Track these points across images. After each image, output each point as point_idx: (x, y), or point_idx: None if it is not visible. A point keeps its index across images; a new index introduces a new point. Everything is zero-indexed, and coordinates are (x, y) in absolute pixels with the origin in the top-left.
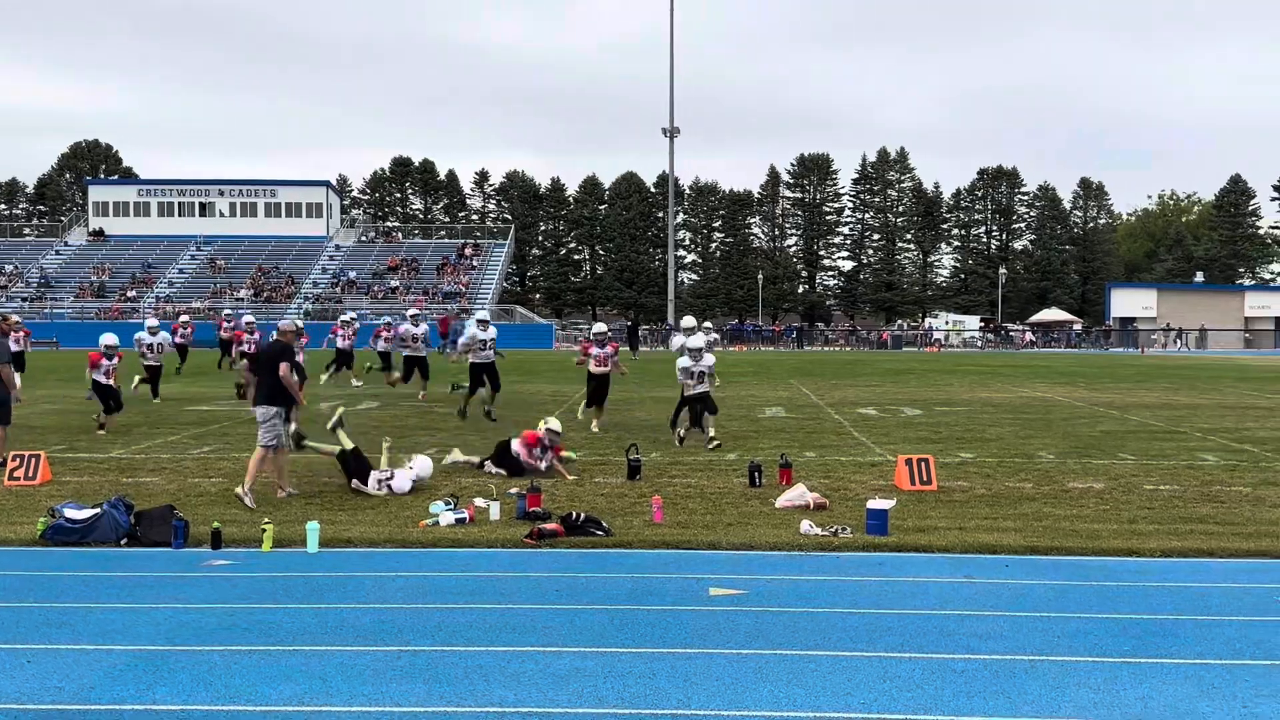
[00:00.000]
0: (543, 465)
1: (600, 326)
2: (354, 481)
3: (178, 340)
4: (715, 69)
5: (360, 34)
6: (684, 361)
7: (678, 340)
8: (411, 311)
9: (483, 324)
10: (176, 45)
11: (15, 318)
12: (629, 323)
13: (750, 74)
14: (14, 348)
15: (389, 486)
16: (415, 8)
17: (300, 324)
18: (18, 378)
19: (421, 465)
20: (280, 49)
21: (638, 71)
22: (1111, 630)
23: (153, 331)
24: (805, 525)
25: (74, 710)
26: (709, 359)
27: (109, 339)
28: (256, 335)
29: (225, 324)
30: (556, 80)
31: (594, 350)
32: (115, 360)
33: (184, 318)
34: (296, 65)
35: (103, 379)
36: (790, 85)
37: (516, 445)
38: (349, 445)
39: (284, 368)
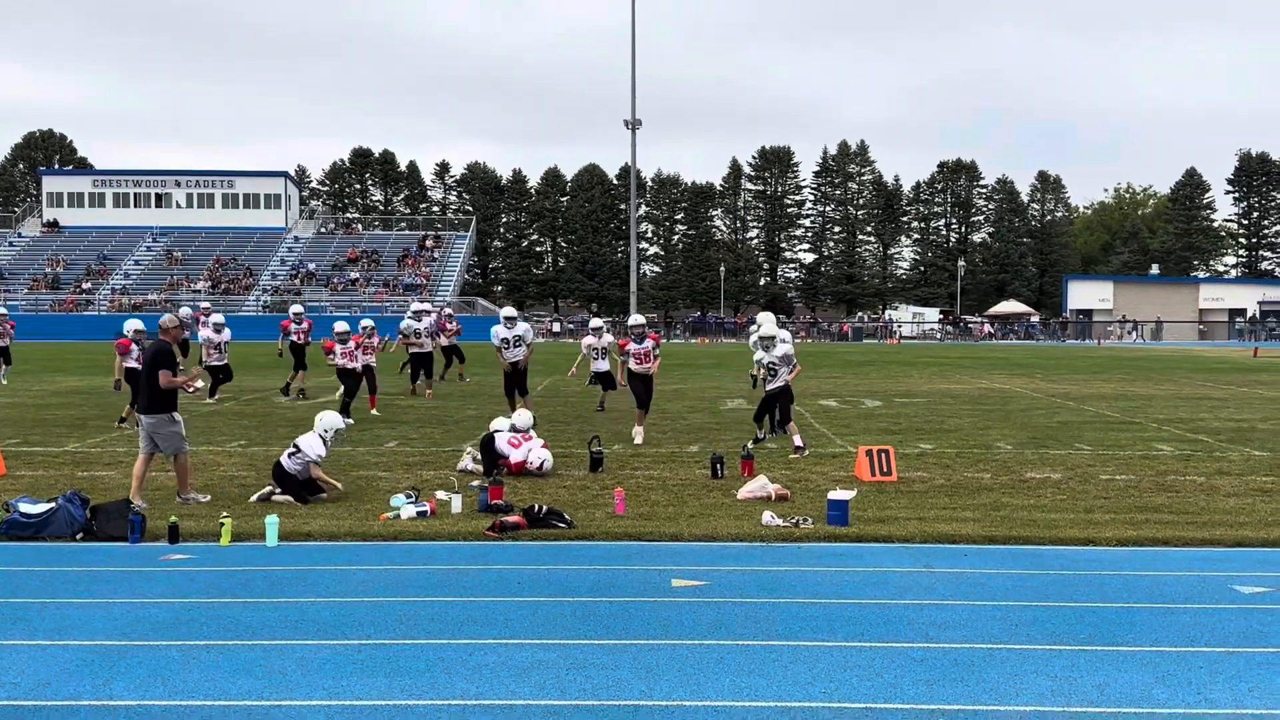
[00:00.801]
0: (533, 463)
1: (638, 318)
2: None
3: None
4: (677, 61)
5: (319, 22)
6: (757, 354)
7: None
8: (415, 306)
9: (509, 321)
10: (130, 34)
11: (1, 309)
12: (592, 315)
13: (712, 66)
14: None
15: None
16: None
17: (182, 319)
18: (5, 369)
19: (329, 420)
20: (237, 38)
21: (599, 63)
22: (1069, 619)
23: (219, 329)
24: (767, 516)
25: (29, 706)
26: (781, 348)
27: (137, 324)
28: (306, 325)
29: (203, 318)
30: (518, 71)
31: (631, 346)
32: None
33: (205, 304)
34: (253, 54)
35: (135, 364)
36: (752, 77)
37: (502, 441)
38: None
39: (164, 376)
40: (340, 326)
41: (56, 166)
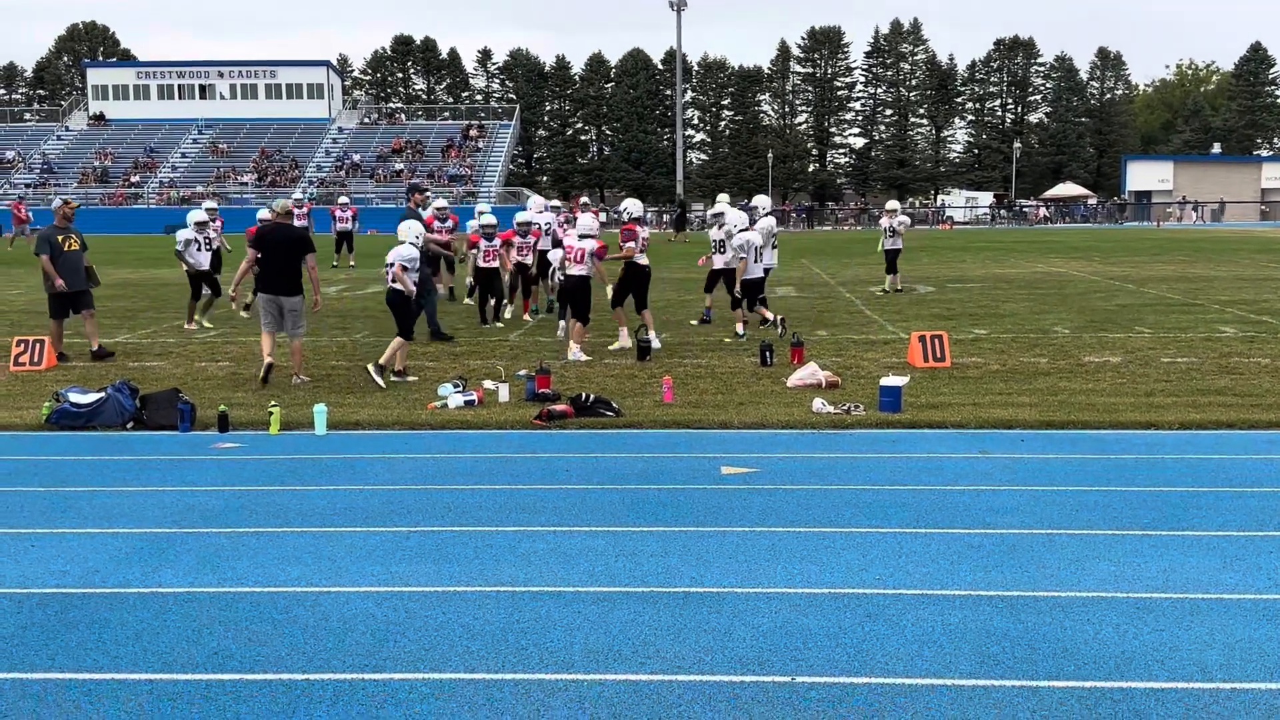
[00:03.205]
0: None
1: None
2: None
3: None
4: None
5: None
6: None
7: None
8: (439, 201)
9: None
10: None
11: (211, 203)
12: (678, 205)
13: None
14: (215, 240)
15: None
16: None
17: (289, 204)
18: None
19: (413, 227)
20: None
21: None
22: (1131, 503)
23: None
24: (818, 403)
25: (79, 594)
26: (728, 232)
27: (265, 214)
28: (451, 222)
29: (333, 208)
30: None
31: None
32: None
33: (344, 199)
34: None
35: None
36: None
37: (580, 268)
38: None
39: (311, 260)
40: (488, 219)
41: (100, 59)
